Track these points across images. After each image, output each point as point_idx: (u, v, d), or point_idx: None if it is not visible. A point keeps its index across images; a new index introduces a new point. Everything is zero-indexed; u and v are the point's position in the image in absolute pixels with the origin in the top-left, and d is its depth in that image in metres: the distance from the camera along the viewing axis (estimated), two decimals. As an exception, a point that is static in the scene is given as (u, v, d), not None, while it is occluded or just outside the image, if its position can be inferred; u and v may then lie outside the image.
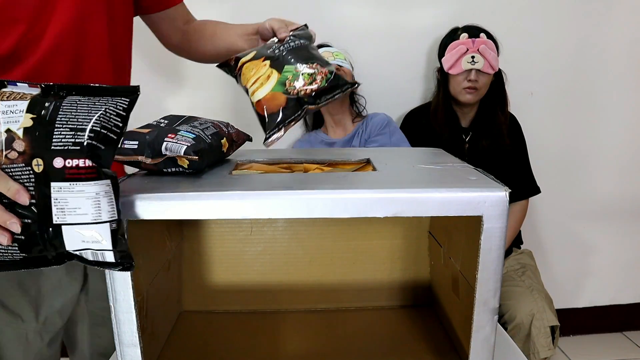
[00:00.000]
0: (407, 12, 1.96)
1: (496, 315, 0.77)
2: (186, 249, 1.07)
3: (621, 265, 2.30)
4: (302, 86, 0.88)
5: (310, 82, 0.88)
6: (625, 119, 2.13)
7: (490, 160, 1.82)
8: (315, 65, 0.90)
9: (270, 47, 0.95)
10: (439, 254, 1.04)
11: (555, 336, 1.71)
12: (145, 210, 0.71)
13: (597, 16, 2.01)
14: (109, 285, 0.73)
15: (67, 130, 0.62)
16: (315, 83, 0.88)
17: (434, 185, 0.74)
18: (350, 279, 1.02)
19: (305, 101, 0.88)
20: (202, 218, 0.74)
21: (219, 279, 1.08)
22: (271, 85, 0.88)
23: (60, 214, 0.62)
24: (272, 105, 0.87)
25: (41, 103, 0.64)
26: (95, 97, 0.66)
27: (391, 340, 0.99)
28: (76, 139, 0.62)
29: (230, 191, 0.72)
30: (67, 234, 0.63)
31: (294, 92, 0.88)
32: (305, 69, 0.89)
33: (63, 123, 0.63)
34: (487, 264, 0.74)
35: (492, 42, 1.74)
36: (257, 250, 1.07)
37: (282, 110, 0.87)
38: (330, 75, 0.90)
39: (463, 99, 1.78)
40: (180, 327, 1.03)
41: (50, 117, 0.63)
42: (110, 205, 0.64)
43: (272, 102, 0.87)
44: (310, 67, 0.89)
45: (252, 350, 0.96)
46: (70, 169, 0.62)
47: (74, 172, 0.62)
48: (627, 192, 2.20)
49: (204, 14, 1.86)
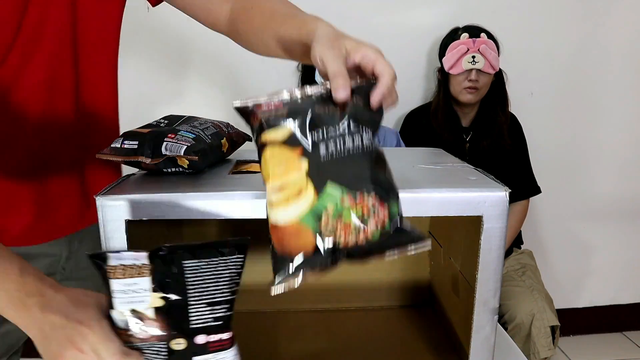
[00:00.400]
0: (407, 12, 1.96)
1: (496, 315, 0.77)
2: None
3: (621, 265, 2.30)
4: (342, 232, 0.57)
5: (363, 222, 0.57)
6: (625, 118, 2.13)
7: (491, 160, 1.82)
8: (373, 199, 0.57)
9: (318, 120, 0.58)
10: (439, 254, 1.04)
11: (555, 336, 1.71)
12: (144, 211, 0.71)
13: (597, 16, 2.01)
14: None
15: (203, 306, 0.61)
16: (363, 233, 0.57)
17: (433, 185, 0.74)
18: (350, 279, 1.02)
19: (342, 254, 0.57)
20: (201, 218, 0.74)
21: (219, 279, 1.08)
22: (300, 210, 0.56)
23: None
24: (293, 243, 0.57)
25: (162, 277, 0.61)
26: (210, 257, 0.61)
27: (391, 340, 0.99)
28: (215, 314, 0.62)
29: (229, 191, 0.72)
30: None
31: (329, 237, 0.56)
32: (355, 206, 0.56)
33: (197, 299, 0.61)
34: (487, 264, 0.74)
35: (493, 42, 1.74)
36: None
37: (303, 255, 0.57)
38: (390, 225, 0.58)
39: (464, 99, 1.78)
40: (180, 327, 1.03)
41: (181, 294, 0.61)
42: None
43: (294, 239, 0.57)
44: (364, 202, 0.56)
45: (253, 350, 0.95)
46: (214, 342, 0.62)
47: (217, 344, 0.62)
48: (627, 192, 2.20)
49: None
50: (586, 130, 2.13)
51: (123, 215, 0.71)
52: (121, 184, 0.77)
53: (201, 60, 1.90)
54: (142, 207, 0.71)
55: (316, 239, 0.56)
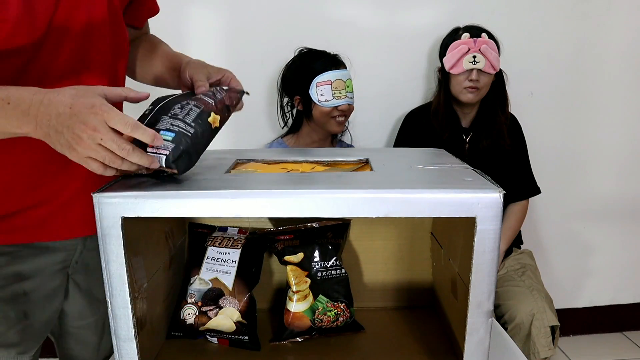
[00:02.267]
0: (408, 12, 1.96)
1: (491, 318, 0.77)
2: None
3: (621, 265, 2.29)
4: (325, 322, 0.97)
5: (333, 321, 0.97)
6: (625, 118, 2.13)
7: (491, 161, 1.82)
8: (344, 306, 0.98)
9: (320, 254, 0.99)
10: (439, 256, 1.05)
11: (555, 336, 1.71)
12: (141, 208, 0.71)
13: (596, 16, 2.00)
14: (105, 281, 0.74)
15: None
16: (336, 323, 0.98)
17: (427, 186, 0.74)
18: (352, 279, 1.02)
19: (322, 331, 0.98)
20: (196, 216, 0.74)
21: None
22: (305, 306, 0.96)
23: None
24: (297, 323, 0.97)
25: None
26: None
27: (390, 341, 0.99)
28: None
29: (224, 190, 0.73)
30: None
31: (317, 324, 0.97)
32: (333, 309, 0.97)
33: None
34: (480, 266, 0.73)
35: (494, 42, 1.74)
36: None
37: (299, 330, 0.97)
38: (350, 319, 0.99)
39: (464, 99, 1.78)
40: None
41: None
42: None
43: (298, 321, 0.96)
44: (338, 307, 0.98)
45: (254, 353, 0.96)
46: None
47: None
48: (626, 192, 2.20)
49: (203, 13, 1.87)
50: (586, 130, 2.12)
51: (119, 213, 0.71)
52: (119, 182, 0.78)
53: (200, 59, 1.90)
54: (139, 205, 0.71)
55: (311, 324, 0.97)
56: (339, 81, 1.69)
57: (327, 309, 0.97)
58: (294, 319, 0.96)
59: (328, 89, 1.68)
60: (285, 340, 0.97)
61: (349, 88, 1.71)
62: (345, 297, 0.99)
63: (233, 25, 1.89)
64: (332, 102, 1.68)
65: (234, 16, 1.89)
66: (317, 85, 1.69)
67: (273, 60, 1.90)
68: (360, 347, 0.97)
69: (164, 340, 0.97)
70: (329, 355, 0.95)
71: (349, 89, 1.71)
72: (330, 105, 1.69)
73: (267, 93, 1.91)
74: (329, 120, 1.72)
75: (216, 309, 0.93)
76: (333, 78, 1.68)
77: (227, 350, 0.95)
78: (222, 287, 0.94)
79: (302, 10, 1.90)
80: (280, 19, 1.89)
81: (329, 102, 1.68)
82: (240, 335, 0.93)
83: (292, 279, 0.96)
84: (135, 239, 0.78)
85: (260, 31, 1.89)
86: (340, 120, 1.73)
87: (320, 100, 1.69)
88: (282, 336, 0.97)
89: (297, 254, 0.97)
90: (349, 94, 1.71)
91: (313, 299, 0.97)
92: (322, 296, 0.97)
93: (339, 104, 1.69)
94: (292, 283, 0.96)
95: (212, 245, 0.98)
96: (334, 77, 1.69)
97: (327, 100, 1.68)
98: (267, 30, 1.88)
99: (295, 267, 0.97)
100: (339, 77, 1.70)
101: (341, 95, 1.69)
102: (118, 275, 0.73)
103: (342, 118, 1.73)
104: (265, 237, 0.98)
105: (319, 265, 0.98)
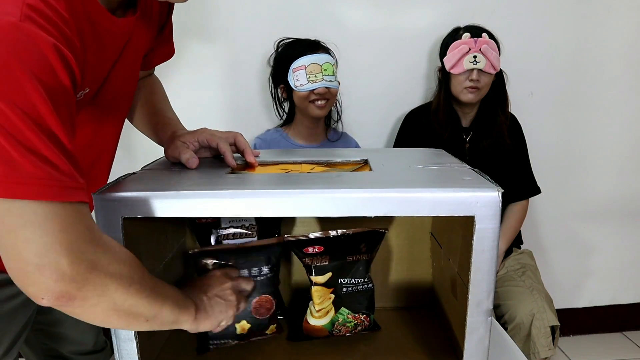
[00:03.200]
0: (408, 12, 1.96)
1: (490, 317, 0.77)
2: (189, 246, 1.08)
3: (621, 265, 2.29)
4: (343, 331, 0.97)
5: (351, 331, 0.97)
6: (625, 118, 2.12)
7: (491, 160, 1.82)
8: (364, 317, 0.97)
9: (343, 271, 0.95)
10: (439, 255, 1.05)
11: (555, 336, 1.71)
12: (141, 208, 0.72)
13: (596, 17, 2.00)
14: None
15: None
16: (354, 331, 0.98)
17: (426, 185, 0.74)
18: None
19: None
20: (196, 216, 0.74)
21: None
22: (325, 321, 0.95)
23: None
24: (315, 334, 0.97)
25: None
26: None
27: (390, 341, 0.99)
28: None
29: (224, 190, 0.73)
30: None
31: (335, 334, 0.97)
32: (353, 320, 0.96)
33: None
34: (480, 265, 0.74)
35: (494, 42, 1.74)
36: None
37: (314, 337, 0.98)
38: (369, 326, 0.99)
39: (464, 99, 1.78)
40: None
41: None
42: None
43: (317, 332, 0.97)
44: (358, 318, 0.97)
45: (253, 349, 0.96)
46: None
47: None
48: (626, 192, 2.20)
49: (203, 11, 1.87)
50: (586, 130, 2.12)
51: (119, 213, 0.72)
52: (118, 182, 0.78)
53: (200, 59, 1.91)
54: (139, 205, 0.72)
55: (329, 334, 0.96)
56: (314, 65, 1.68)
57: (347, 320, 0.96)
58: (313, 331, 0.96)
59: (302, 73, 1.68)
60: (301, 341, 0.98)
61: (326, 71, 1.69)
62: (367, 308, 0.98)
63: (233, 25, 1.90)
64: (307, 86, 1.68)
65: (234, 16, 1.89)
66: (293, 71, 1.69)
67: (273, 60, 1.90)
68: (360, 347, 0.97)
69: (164, 341, 0.97)
70: (328, 355, 0.95)
71: (327, 72, 1.69)
72: (305, 89, 1.68)
73: (266, 93, 1.91)
74: (308, 104, 1.72)
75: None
76: (307, 62, 1.68)
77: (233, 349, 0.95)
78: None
79: (302, 11, 1.90)
80: (280, 19, 1.89)
81: (304, 86, 1.68)
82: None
83: (316, 298, 0.94)
84: (135, 239, 0.78)
85: (260, 31, 1.89)
86: (320, 104, 1.72)
87: (296, 85, 1.69)
88: (298, 340, 0.98)
89: (325, 274, 0.93)
90: (328, 77, 1.69)
91: (334, 312, 0.95)
92: (344, 308, 0.95)
93: (314, 87, 1.67)
94: (316, 302, 0.94)
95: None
96: (309, 61, 1.68)
97: (302, 85, 1.68)
98: (267, 30, 1.88)
99: (320, 287, 0.94)
100: (314, 61, 1.69)
101: (317, 78, 1.67)
102: (118, 274, 0.73)
103: (322, 102, 1.71)
104: (292, 244, 0.92)
105: (345, 282, 0.94)
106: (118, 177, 0.82)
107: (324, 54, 1.72)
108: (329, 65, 1.70)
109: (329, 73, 1.69)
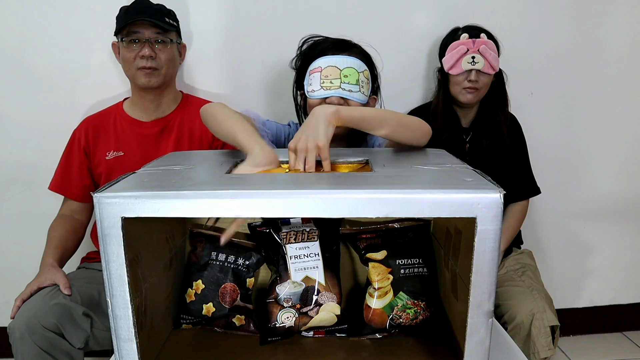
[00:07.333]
0: (407, 12, 1.95)
1: (491, 319, 0.76)
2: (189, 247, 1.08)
3: (621, 265, 2.29)
4: (404, 318, 0.98)
5: (412, 319, 0.98)
6: (625, 118, 2.12)
7: (491, 161, 1.82)
8: (424, 304, 0.99)
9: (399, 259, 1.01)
10: (440, 256, 1.05)
11: (555, 336, 1.71)
12: (141, 208, 0.71)
13: (597, 16, 2.00)
14: (105, 282, 0.74)
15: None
16: (415, 321, 0.99)
17: (427, 186, 0.74)
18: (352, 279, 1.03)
19: (401, 329, 1.00)
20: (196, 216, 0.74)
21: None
22: (384, 302, 0.97)
23: None
24: (376, 319, 0.98)
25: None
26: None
27: (390, 341, 0.99)
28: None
29: (224, 190, 0.73)
30: None
31: (396, 321, 0.98)
32: (413, 306, 0.98)
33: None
34: (481, 266, 0.73)
35: (493, 42, 1.74)
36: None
37: (375, 326, 0.99)
38: (430, 317, 1.00)
39: (463, 99, 1.78)
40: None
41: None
42: None
43: (377, 317, 0.98)
44: (417, 305, 0.98)
45: (253, 349, 0.96)
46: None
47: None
48: (627, 192, 2.20)
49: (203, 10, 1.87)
50: (586, 130, 2.12)
51: (119, 213, 0.71)
52: (119, 182, 0.78)
53: (200, 59, 1.90)
54: (139, 205, 0.71)
55: (389, 320, 0.98)
56: (332, 68, 1.35)
57: (406, 305, 0.97)
58: (374, 315, 0.97)
59: (317, 77, 1.36)
60: (364, 337, 0.99)
61: (347, 78, 1.33)
62: (425, 295, 1.00)
63: (233, 25, 1.89)
64: (319, 93, 1.34)
65: (234, 16, 1.89)
66: (309, 74, 1.40)
67: (273, 60, 1.90)
68: (360, 347, 0.97)
69: (164, 340, 0.96)
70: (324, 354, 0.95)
71: (347, 79, 1.33)
72: (316, 96, 1.35)
73: (266, 93, 1.91)
74: None
75: (316, 306, 0.95)
76: (325, 65, 1.35)
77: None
78: (316, 284, 0.95)
79: (301, 11, 1.89)
80: (280, 19, 1.89)
81: (315, 92, 1.35)
82: (340, 326, 0.98)
83: (374, 275, 0.98)
84: (135, 239, 0.78)
85: (260, 31, 1.89)
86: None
87: (308, 90, 1.39)
88: (361, 332, 0.99)
89: (380, 251, 1.00)
90: (347, 85, 1.33)
91: (393, 295, 0.98)
92: (402, 293, 0.98)
93: (326, 95, 1.34)
94: (374, 280, 0.98)
95: (288, 243, 0.97)
96: (326, 63, 1.35)
97: (314, 91, 1.36)
98: (267, 30, 1.87)
99: (378, 264, 0.99)
100: (332, 64, 1.35)
101: (332, 85, 1.33)
102: (118, 275, 0.73)
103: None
104: (345, 236, 1.02)
105: (401, 262, 1.00)
106: (118, 177, 0.82)
107: (350, 57, 1.38)
108: (352, 71, 1.35)
109: (350, 81, 1.34)
